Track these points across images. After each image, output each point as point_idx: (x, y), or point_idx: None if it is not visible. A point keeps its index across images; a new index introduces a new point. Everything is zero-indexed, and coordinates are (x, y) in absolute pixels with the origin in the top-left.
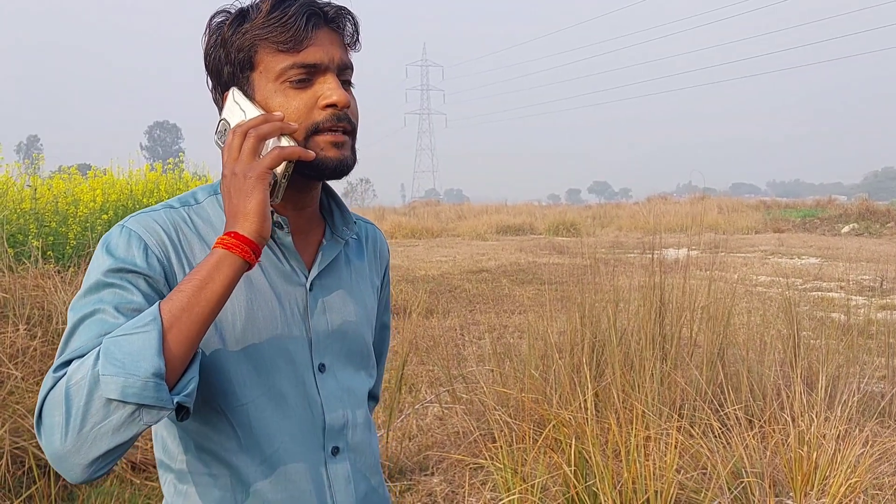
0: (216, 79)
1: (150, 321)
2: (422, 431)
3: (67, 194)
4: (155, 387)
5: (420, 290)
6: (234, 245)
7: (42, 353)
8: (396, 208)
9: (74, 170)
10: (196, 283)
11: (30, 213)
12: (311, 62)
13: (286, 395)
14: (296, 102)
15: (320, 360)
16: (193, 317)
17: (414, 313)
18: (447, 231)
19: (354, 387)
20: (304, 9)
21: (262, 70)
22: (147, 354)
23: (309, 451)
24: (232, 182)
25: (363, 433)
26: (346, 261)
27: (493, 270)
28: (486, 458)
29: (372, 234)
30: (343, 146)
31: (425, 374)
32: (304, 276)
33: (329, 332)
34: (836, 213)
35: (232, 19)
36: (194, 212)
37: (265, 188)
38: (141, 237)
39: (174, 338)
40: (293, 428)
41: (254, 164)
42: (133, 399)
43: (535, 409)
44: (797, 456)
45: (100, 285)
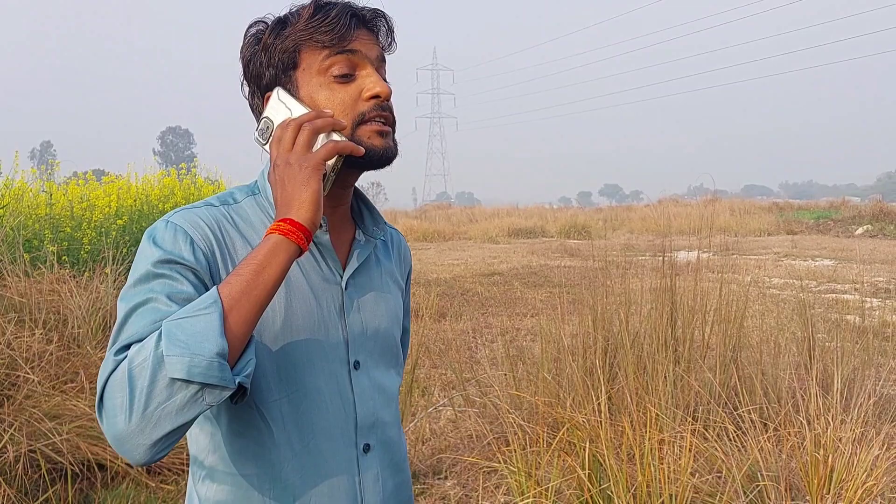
0: (257, 84)
1: (210, 304)
2: (435, 435)
3: (83, 199)
4: (219, 366)
5: (432, 293)
6: (291, 231)
7: (58, 357)
8: (408, 212)
9: (90, 175)
10: (254, 267)
11: (45, 218)
12: (354, 48)
13: (321, 391)
14: (341, 95)
15: (355, 358)
16: (252, 300)
17: (426, 316)
18: (458, 234)
19: (386, 385)
20: (345, 9)
21: (304, 67)
22: (210, 335)
23: (341, 448)
24: (286, 171)
25: (392, 431)
26: (377, 261)
27: (505, 273)
28: (500, 462)
29: (397, 239)
30: (387, 136)
31: (438, 377)
32: (339, 275)
33: (363, 330)
34: (850, 214)
35: (273, 26)
36: (234, 211)
37: (319, 178)
38: (186, 231)
39: (234, 320)
40: (326, 424)
41: (309, 155)
42: (199, 378)
43: (548, 413)
44: (813, 459)
45: (150, 276)
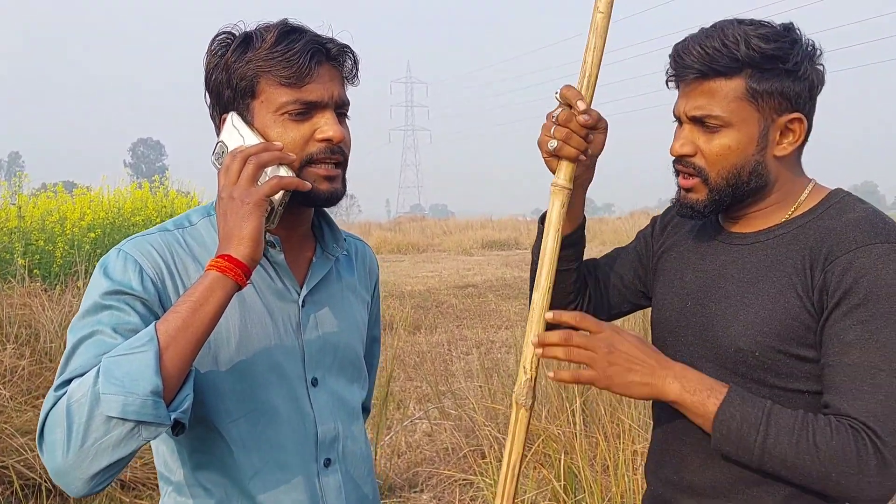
0: (215, 99)
1: (147, 341)
2: (410, 448)
3: (54, 212)
4: (153, 404)
5: (407, 306)
6: (228, 269)
7: (30, 372)
8: (382, 223)
9: (60, 188)
10: (191, 304)
11: (15, 231)
12: (311, 100)
13: (279, 409)
14: (293, 134)
15: (313, 375)
16: (188, 336)
17: (400, 328)
18: (433, 246)
19: (347, 399)
20: (308, 45)
21: (263, 100)
22: (146, 374)
23: (302, 463)
24: (229, 205)
25: (355, 444)
26: (338, 277)
27: (480, 285)
28: (476, 474)
29: (361, 251)
30: (335, 179)
31: (413, 389)
32: (296, 292)
33: (321, 346)
34: None
35: (236, 45)
36: (188, 234)
37: (261, 214)
38: (136, 260)
39: (170, 357)
40: (286, 441)
41: (252, 190)
42: (133, 416)
43: None
44: None
45: (97, 307)
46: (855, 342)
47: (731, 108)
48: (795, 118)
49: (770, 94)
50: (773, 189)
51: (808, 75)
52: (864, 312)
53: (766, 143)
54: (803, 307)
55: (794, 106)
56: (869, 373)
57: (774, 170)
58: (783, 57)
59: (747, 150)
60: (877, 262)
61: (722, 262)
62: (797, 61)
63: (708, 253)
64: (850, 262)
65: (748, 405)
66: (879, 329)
